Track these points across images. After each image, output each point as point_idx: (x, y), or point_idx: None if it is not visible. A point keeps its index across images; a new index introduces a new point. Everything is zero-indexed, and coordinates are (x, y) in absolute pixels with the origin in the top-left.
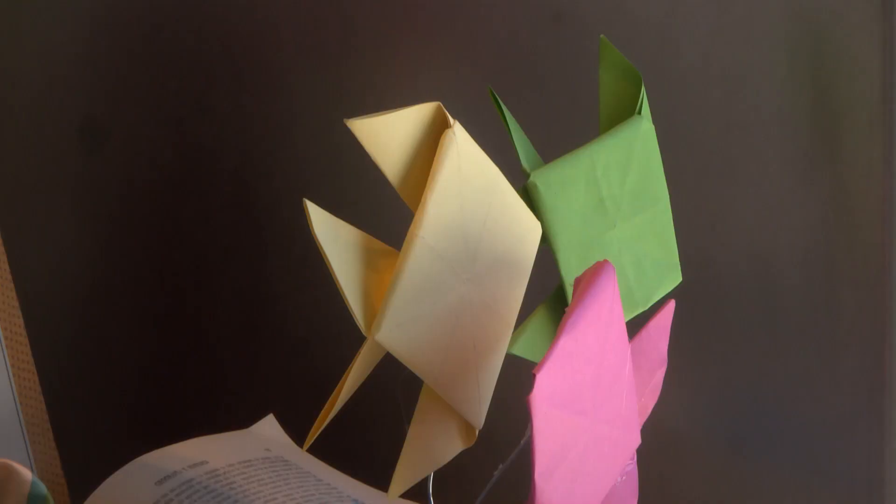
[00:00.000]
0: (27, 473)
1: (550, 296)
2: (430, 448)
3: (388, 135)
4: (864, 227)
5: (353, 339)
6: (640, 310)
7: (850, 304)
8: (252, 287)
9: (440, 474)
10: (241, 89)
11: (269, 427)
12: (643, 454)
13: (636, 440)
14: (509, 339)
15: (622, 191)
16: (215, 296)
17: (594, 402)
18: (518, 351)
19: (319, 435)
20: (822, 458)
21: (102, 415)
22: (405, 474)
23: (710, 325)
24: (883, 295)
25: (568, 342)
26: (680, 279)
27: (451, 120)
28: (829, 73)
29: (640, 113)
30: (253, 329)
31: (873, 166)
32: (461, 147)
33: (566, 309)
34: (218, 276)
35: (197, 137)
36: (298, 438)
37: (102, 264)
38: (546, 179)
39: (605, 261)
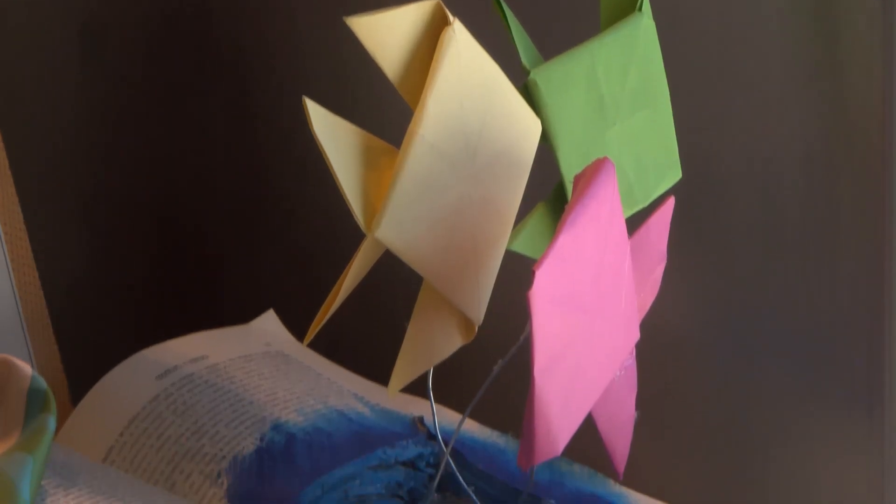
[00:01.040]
0: (27, 368)
1: (550, 193)
2: (429, 344)
3: (387, 32)
4: (863, 126)
5: (352, 237)
6: (640, 206)
7: (849, 203)
8: (252, 184)
9: (440, 370)
10: None
11: (269, 322)
12: (642, 351)
13: (635, 335)
14: (509, 235)
15: (623, 88)
16: (216, 193)
17: (594, 298)
18: (518, 247)
19: (319, 331)
20: (821, 358)
21: (102, 310)
22: (405, 369)
23: (710, 224)
24: (882, 195)
25: (568, 239)
26: (680, 175)
27: (450, 17)
28: None
29: (640, 10)
30: (253, 227)
31: (874, 68)
32: (461, 45)
33: (566, 206)
34: (218, 173)
35: (196, 38)
36: (298, 336)
37: (102, 163)
38: (546, 77)
39: (605, 158)
